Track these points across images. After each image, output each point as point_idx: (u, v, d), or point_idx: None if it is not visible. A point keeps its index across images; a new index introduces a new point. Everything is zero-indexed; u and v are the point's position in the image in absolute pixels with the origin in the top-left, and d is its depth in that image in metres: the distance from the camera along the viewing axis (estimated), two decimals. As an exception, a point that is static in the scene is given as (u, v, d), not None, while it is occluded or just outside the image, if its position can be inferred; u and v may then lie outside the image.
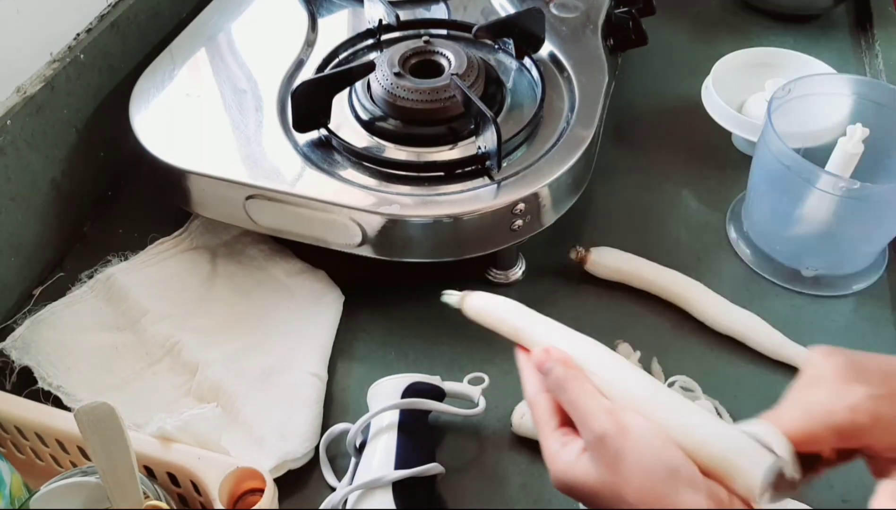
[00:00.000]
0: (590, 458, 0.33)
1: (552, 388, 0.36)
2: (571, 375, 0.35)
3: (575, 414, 0.34)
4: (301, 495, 0.46)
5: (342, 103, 0.58)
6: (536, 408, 0.36)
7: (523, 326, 0.39)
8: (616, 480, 0.32)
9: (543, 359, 0.36)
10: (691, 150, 0.69)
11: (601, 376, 0.35)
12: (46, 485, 0.38)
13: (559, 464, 0.34)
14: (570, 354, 0.36)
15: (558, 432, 0.35)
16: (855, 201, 0.52)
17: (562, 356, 0.36)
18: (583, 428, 0.34)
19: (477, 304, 0.40)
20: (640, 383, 0.35)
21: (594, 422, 0.33)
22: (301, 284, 0.56)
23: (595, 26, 0.65)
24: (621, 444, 0.32)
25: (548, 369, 0.36)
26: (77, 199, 0.61)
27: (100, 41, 0.61)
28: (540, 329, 0.38)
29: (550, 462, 0.35)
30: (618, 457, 0.32)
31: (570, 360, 0.36)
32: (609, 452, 0.32)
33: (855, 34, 0.82)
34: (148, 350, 0.52)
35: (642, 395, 0.34)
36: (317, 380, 0.50)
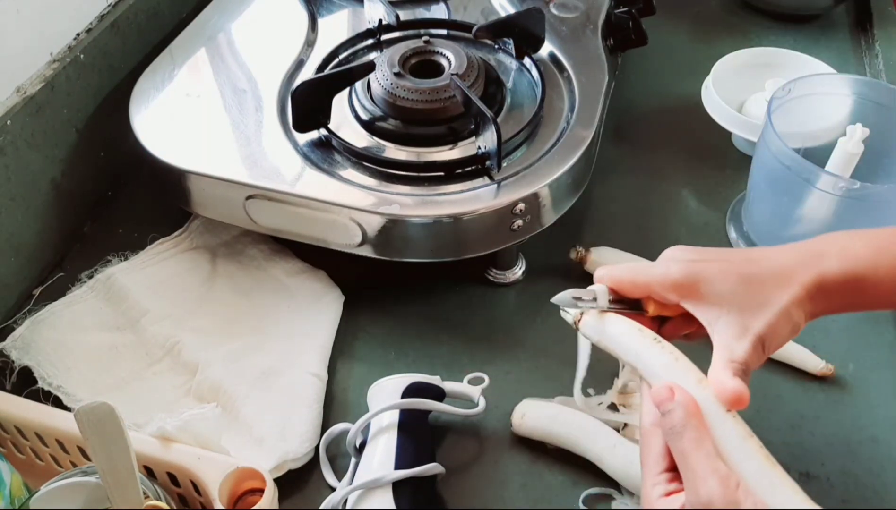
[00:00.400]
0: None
1: (666, 432, 0.34)
2: (692, 426, 0.33)
3: (685, 468, 0.33)
4: (301, 495, 0.46)
5: (342, 103, 0.58)
6: (648, 443, 0.35)
7: (643, 357, 0.37)
8: None
9: (665, 397, 0.34)
10: (691, 150, 0.69)
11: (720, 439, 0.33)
12: (46, 485, 0.38)
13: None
14: (695, 401, 0.34)
15: (663, 477, 0.34)
16: (855, 201, 0.52)
17: (686, 400, 0.34)
18: (690, 486, 0.32)
19: (592, 324, 0.39)
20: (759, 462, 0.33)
21: (703, 485, 0.31)
22: (301, 284, 0.56)
23: (595, 26, 0.65)
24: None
25: (667, 411, 0.34)
26: (77, 198, 0.61)
27: (100, 41, 0.61)
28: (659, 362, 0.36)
29: (647, 504, 0.34)
30: None
31: (696, 408, 0.34)
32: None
33: (855, 34, 0.82)
34: (148, 350, 0.52)
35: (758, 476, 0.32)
36: (317, 380, 0.50)
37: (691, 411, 0.33)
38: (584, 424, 0.47)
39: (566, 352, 0.53)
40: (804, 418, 0.49)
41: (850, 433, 0.49)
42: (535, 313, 0.56)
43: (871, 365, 0.53)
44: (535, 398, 0.49)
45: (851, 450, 0.48)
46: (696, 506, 0.32)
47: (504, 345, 0.54)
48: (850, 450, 0.48)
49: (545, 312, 0.56)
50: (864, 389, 0.51)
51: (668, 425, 0.34)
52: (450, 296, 0.58)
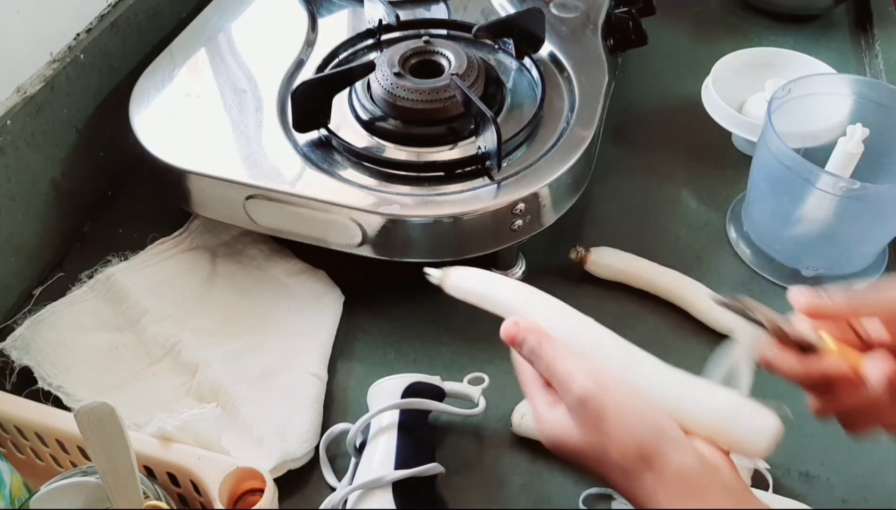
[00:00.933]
0: (573, 420, 0.33)
1: (528, 359, 0.36)
2: (543, 340, 0.35)
3: (554, 379, 0.34)
4: (301, 495, 0.46)
5: (342, 103, 0.58)
6: (522, 371, 0.36)
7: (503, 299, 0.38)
8: (601, 439, 0.32)
9: (514, 331, 0.36)
10: (691, 150, 0.69)
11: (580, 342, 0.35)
12: (46, 485, 0.38)
13: (546, 423, 0.34)
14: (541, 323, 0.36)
15: (544, 391, 0.35)
16: (855, 201, 0.52)
17: (531, 325, 0.36)
18: (563, 391, 0.34)
19: (457, 282, 0.40)
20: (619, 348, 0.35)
21: (573, 383, 0.33)
22: (301, 284, 0.56)
23: (595, 26, 0.65)
24: (603, 403, 0.32)
25: (521, 341, 0.36)
26: (77, 198, 0.61)
27: (100, 41, 0.61)
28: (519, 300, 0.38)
29: (538, 420, 0.35)
30: (601, 417, 0.32)
31: (540, 328, 0.36)
32: (591, 412, 0.33)
33: (855, 34, 0.82)
34: (148, 350, 0.52)
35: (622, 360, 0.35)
36: (317, 380, 0.50)
37: (538, 331, 0.36)
38: None
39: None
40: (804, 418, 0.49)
41: (850, 433, 0.49)
42: (535, 313, 0.56)
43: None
44: (535, 398, 0.49)
45: (851, 450, 0.48)
46: (574, 404, 0.33)
47: (504, 346, 0.54)
48: (850, 450, 0.48)
49: (545, 312, 0.56)
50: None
51: (527, 351, 0.36)
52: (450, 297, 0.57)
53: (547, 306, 0.37)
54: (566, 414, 0.34)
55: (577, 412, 0.33)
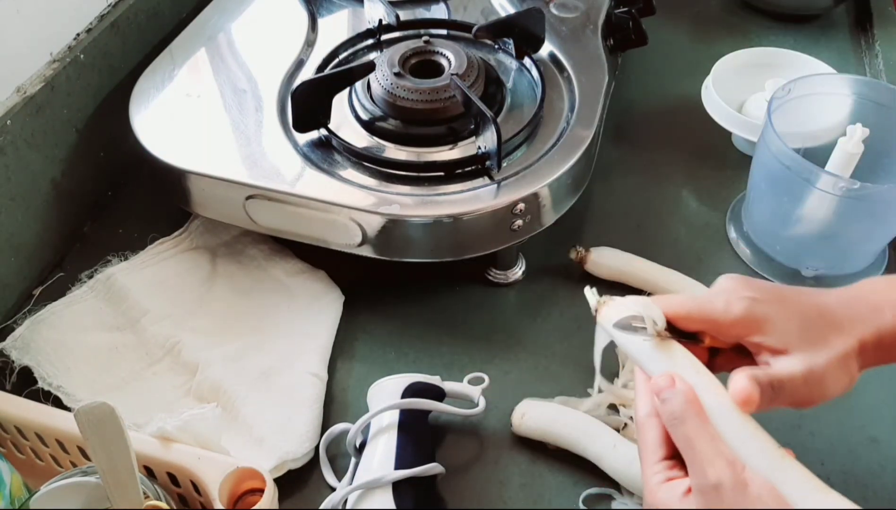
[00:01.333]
0: (696, 502, 0.32)
1: (667, 420, 0.34)
2: (693, 412, 0.33)
3: (690, 453, 0.33)
4: (301, 495, 0.46)
5: (342, 103, 0.58)
6: (645, 432, 0.35)
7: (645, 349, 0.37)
8: None
9: (665, 385, 0.34)
10: (691, 150, 0.69)
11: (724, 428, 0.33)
12: (46, 485, 0.38)
13: (660, 499, 0.33)
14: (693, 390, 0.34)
15: (663, 464, 0.34)
16: (855, 201, 0.52)
17: (686, 388, 0.34)
18: (696, 470, 0.32)
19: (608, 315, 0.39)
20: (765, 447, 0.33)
21: (711, 468, 0.32)
22: (301, 284, 0.56)
23: (595, 26, 0.65)
24: (736, 499, 0.31)
25: (666, 398, 0.34)
26: (77, 198, 0.61)
27: (100, 41, 0.61)
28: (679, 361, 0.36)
29: (650, 494, 0.34)
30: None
31: (694, 396, 0.34)
32: (721, 504, 0.31)
33: (855, 34, 0.82)
34: (148, 350, 0.52)
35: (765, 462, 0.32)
36: (317, 380, 0.50)
37: (690, 398, 0.34)
38: (584, 424, 0.47)
39: (566, 353, 0.54)
40: (804, 418, 0.49)
41: (850, 433, 0.49)
42: (536, 313, 0.56)
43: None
44: (535, 398, 0.49)
45: (851, 450, 0.48)
46: (705, 489, 0.32)
47: (504, 345, 0.54)
48: (850, 450, 0.48)
49: (545, 312, 0.56)
50: (864, 389, 0.51)
51: (669, 411, 0.34)
52: (450, 297, 0.58)
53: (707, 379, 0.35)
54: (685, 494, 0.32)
55: (706, 497, 0.32)
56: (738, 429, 0.33)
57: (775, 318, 0.35)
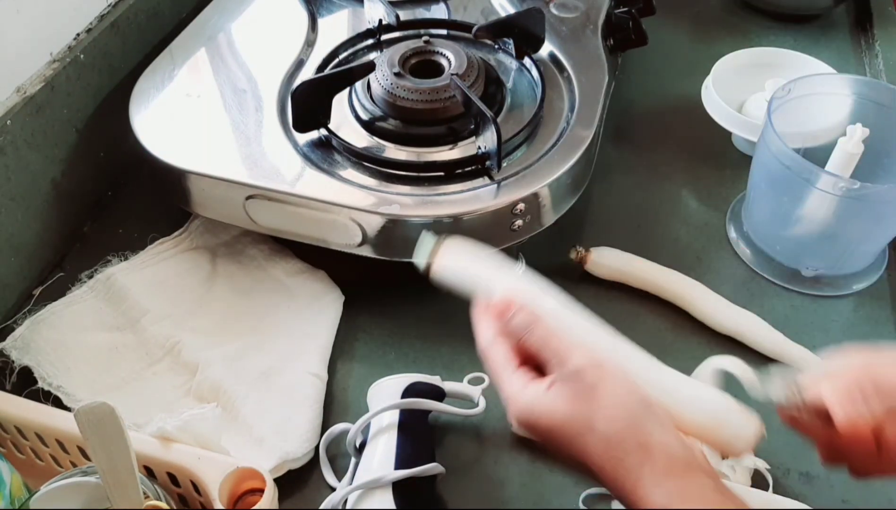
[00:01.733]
0: (561, 391, 0.33)
1: (518, 333, 0.36)
2: (539, 317, 0.36)
3: (547, 351, 0.35)
4: (301, 495, 0.46)
5: (342, 103, 0.58)
6: (493, 353, 0.36)
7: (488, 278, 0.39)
8: (589, 408, 0.33)
9: (508, 301, 0.37)
10: (691, 150, 0.69)
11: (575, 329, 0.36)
12: (46, 485, 0.38)
13: (523, 399, 0.34)
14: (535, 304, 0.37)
15: (520, 371, 0.35)
16: (855, 201, 0.52)
17: (526, 302, 0.36)
18: (556, 362, 0.34)
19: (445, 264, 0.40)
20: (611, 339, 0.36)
21: (571, 356, 0.34)
22: (301, 284, 0.56)
23: (595, 26, 0.65)
24: (598, 377, 0.33)
25: (513, 314, 0.36)
26: (77, 198, 0.61)
27: (100, 41, 0.61)
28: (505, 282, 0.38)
29: (513, 400, 0.35)
30: (593, 388, 0.33)
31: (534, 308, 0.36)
32: (585, 383, 0.33)
33: (855, 34, 0.82)
34: (148, 350, 0.52)
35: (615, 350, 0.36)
36: (317, 380, 0.50)
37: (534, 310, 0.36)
38: None
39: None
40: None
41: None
42: (535, 313, 0.56)
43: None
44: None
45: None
46: (569, 375, 0.34)
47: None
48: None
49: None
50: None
51: (518, 324, 0.36)
52: (450, 296, 0.57)
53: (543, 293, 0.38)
54: (548, 388, 0.34)
55: (570, 382, 0.33)
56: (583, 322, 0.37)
57: None
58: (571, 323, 0.37)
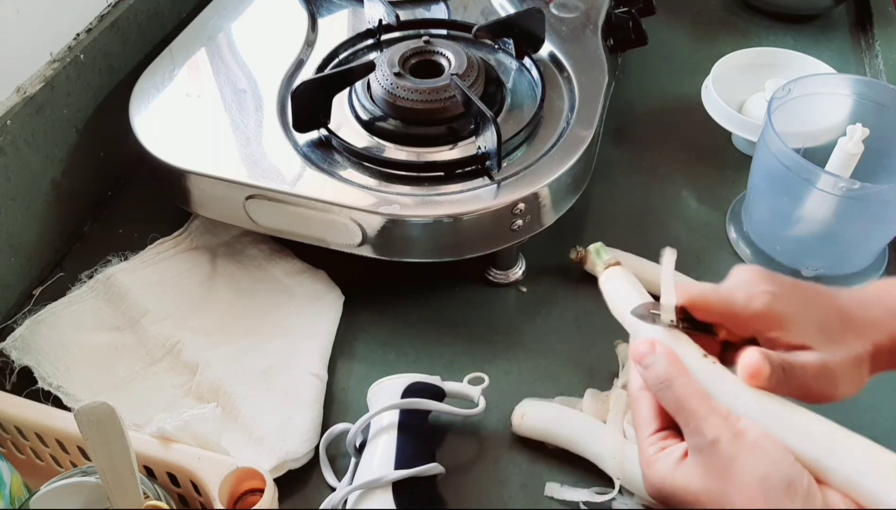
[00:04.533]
0: (695, 464, 0.31)
1: (653, 385, 0.33)
2: (678, 372, 0.33)
3: (682, 414, 0.32)
4: (301, 495, 0.46)
5: (342, 103, 0.58)
6: (638, 407, 0.34)
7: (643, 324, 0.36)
8: (725, 488, 0.30)
9: (645, 351, 0.34)
10: (691, 150, 0.69)
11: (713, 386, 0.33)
12: (46, 485, 0.38)
13: (657, 469, 0.32)
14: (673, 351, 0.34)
15: (657, 436, 0.33)
16: (855, 201, 0.52)
17: (667, 350, 0.34)
18: (691, 430, 0.32)
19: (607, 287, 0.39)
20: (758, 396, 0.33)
21: (706, 425, 0.31)
22: (301, 284, 0.56)
23: (595, 26, 0.65)
24: (735, 451, 0.30)
25: (649, 364, 0.34)
26: (77, 198, 0.61)
27: (100, 41, 0.61)
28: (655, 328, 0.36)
29: (646, 466, 0.33)
30: (730, 464, 0.30)
31: (676, 357, 0.34)
32: (721, 459, 0.31)
33: (855, 34, 0.82)
34: (148, 350, 0.52)
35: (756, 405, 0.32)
36: (317, 381, 0.50)
37: (673, 360, 0.33)
38: (584, 424, 0.47)
39: (566, 353, 0.54)
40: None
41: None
42: (536, 313, 0.56)
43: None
44: (535, 398, 0.49)
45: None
46: (703, 447, 0.31)
47: (504, 345, 0.54)
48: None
49: (545, 312, 0.56)
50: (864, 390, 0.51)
51: (654, 376, 0.33)
52: (450, 297, 0.58)
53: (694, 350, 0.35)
54: (681, 458, 0.32)
55: (704, 455, 0.31)
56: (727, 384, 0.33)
57: (795, 315, 0.35)
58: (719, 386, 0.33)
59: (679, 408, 0.33)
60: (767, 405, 0.32)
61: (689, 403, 0.32)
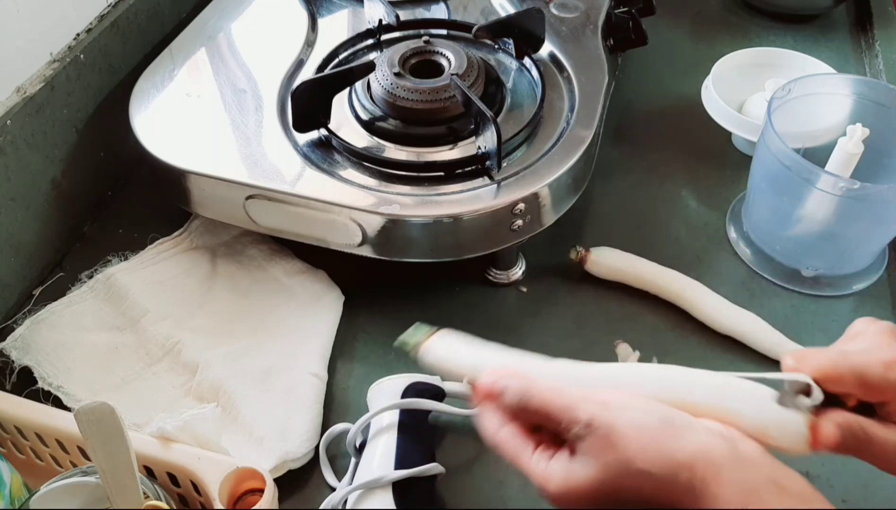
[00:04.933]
0: (585, 450, 0.32)
1: (516, 405, 0.34)
2: (530, 381, 0.34)
3: (552, 415, 0.33)
4: (301, 495, 0.46)
5: (342, 103, 0.58)
6: (503, 441, 0.34)
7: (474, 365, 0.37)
8: (618, 455, 0.31)
9: (493, 379, 0.34)
10: (691, 150, 0.69)
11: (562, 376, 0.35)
12: (46, 485, 0.38)
13: (555, 478, 0.32)
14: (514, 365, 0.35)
15: (537, 453, 0.33)
16: (855, 201, 0.52)
17: (509, 370, 0.35)
18: (566, 424, 0.32)
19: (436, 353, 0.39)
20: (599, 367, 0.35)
21: (577, 412, 0.32)
22: (301, 284, 0.56)
23: (595, 26, 0.65)
24: (611, 419, 0.31)
25: (503, 388, 0.34)
26: (77, 198, 0.61)
27: (100, 41, 0.61)
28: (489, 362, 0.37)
29: (545, 482, 0.33)
30: (611, 432, 0.31)
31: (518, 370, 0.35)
32: (602, 432, 0.31)
33: (855, 34, 0.82)
34: (148, 350, 0.52)
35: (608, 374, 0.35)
36: (317, 381, 0.50)
37: (518, 373, 0.34)
38: None
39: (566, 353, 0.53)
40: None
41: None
42: (535, 313, 0.56)
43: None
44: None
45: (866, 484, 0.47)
46: (583, 432, 0.32)
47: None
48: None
49: (545, 312, 0.56)
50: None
51: (513, 395, 0.34)
52: (450, 297, 0.57)
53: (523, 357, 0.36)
54: (570, 457, 0.32)
55: (589, 439, 0.31)
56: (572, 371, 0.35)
57: None
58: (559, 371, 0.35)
59: (547, 412, 0.33)
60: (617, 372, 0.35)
61: (553, 402, 0.33)
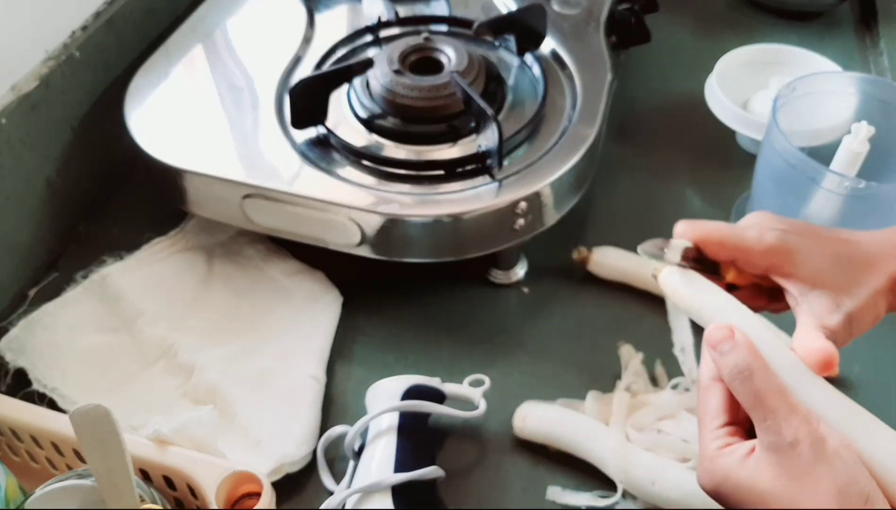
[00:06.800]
0: (767, 463, 0.30)
1: (728, 374, 0.31)
2: (758, 364, 0.31)
3: (759, 409, 0.30)
4: (299, 499, 0.46)
5: (341, 101, 0.58)
6: (705, 398, 0.33)
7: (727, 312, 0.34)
8: (797, 492, 0.29)
9: (722, 337, 0.32)
10: (695, 148, 0.68)
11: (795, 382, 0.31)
12: (42, 487, 0.38)
13: (720, 465, 0.31)
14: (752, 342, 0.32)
15: (724, 430, 0.32)
16: (860, 200, 0.51)
17: (747, 340, 0.32)
18: (769, 427, 0.30)
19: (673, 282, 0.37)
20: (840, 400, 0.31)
21: (786, 425, 0.30)
22: (299, 285, 0.55)
23: (597, 23, 0.65)
24: (815, 457, 0.29)
25: (726, 350, 0.32)
26: (72, 198, 0.60)
27: (95, 38, 0.60)
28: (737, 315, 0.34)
29: (708, 460, 0.31)
30: (808, 470, 0.29)
31: (755, 347, 0.32)
32: (798, 462, 0.29)
33: (860, 31, 0.82)
34: (143, 352, 0.52)
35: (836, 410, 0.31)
36: (315, 383, 0.50)
37: (753, 350, 0.32)
38: (587, 427, 0.46)
39: (568, 354, 0.53)
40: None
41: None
42: (537, 314, 0.56)
43: (876, 367, 0.52)
44: (537, 400, 0.48)
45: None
46: (780, 447, 0.29)
47: (505, 347, 0.54)
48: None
49: (547, 313, 0.56)
50: (868, 391, 0.51)
51: (731, 365, 0.31)
52: (450, 297, 0.57)
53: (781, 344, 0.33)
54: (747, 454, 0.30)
55: (780, 456, 0.29)
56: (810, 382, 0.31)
57: (807, 251, 0.35)
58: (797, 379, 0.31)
59: (757, 403, 0.31)
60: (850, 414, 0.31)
61: (768, 399, 0.30)
